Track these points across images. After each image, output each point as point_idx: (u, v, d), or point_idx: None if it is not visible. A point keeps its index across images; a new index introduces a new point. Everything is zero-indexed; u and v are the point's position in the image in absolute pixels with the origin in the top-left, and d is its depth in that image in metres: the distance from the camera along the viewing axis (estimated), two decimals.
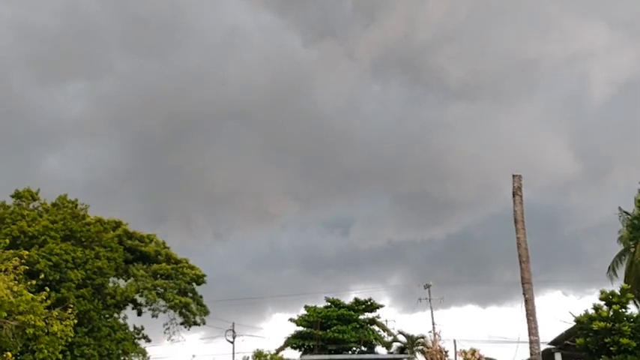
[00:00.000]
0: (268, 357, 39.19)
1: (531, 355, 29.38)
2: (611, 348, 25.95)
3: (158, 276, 33.89)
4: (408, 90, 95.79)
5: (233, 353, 46.58)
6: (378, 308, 41.08)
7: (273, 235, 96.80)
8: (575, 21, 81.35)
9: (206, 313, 35.41)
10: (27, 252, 22.41)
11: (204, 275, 35.40)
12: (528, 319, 28.66)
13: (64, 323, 20.20)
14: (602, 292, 27.51)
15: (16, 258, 19.63)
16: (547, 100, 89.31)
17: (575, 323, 27.81)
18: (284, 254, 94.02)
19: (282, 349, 40.92)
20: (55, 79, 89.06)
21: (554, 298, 68.95)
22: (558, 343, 30.14)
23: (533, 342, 28.39)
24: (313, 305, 40.45)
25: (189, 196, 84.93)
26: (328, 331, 38.50)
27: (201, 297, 35.36)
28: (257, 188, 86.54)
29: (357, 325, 39.39)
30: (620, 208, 36.39)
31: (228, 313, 60.08)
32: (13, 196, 32.00)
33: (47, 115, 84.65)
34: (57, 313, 20.12)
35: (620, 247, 36.54)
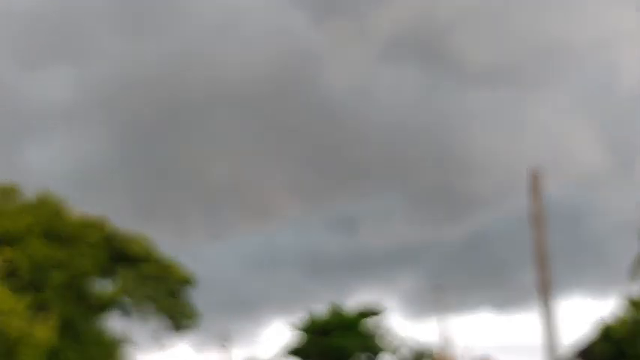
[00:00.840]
0: None
1: None
2: (631, 354, 25.33)
3: (145, 278, 32.32)
4: (423, 74, 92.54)
5: None
6: (381, 313, 39.65)
7: (272, 234, 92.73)
8: (604, 4, 79.87)
9: (196, 316, 33.94)
10: (9, 248, 20.89)
11: (194, 277, 33.92)
12: (547, 325, 27.46)
13: (46, 326, 18.52)
14: (623, 298, 26.82)
15: None
16: (574, 88, 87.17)
17: (595, 329, 27.06)
18: (284, 255, 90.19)
19: (280, 357, 39.49)
20: (38, 64, 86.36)
21: (575, 301, 67.09)
22: (578, 350, 29.25)
23: (551, 348, 27.15)
24: (314, 311, 39.08)
25: (183, 190, 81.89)
26: (330, 337, 37.02)
27: (191, 300, 33.87)
28: (256, 182, 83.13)
29: (361, 333, 38.05)
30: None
31: (222, 318, 58.31)
32: None
33: (29, 102, 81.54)
34: (38, 317, 18.44)
35: None
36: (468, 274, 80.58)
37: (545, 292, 26.86)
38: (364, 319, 38.60)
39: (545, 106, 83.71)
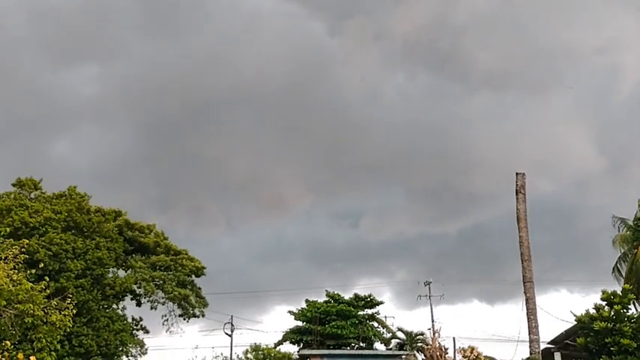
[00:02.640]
0: (265, 351, 39.11)
1: (531, 354, 29.39)
2: (612, 348, 25.83)
3: (157, 267, 33.78)
4: (432, 79, 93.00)
5: (231, 346, 46.50)
6: (378, 304, 40.96)
7: (283, 226, 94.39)
8: (607, 10, 79.57)
9: (205, 305, 35.29)
10: (27, 241, 22.31)
11: (203, 267, 35.27)
12: (529, 318, 28.74)
13: (62, 313, 20.07)
14: (603, 292, 27.42)
15: (16, 247, 19.49)
16: (576, 91, 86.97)
17: (576, 322, 27.73)
18: (292, 246, 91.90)
19: (280, 343, 40.81)
20: (68, 61, 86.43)
21: (560, 296, 68.27)
22: (558, 342, 30.05)
23: (533, 341, 28.46)
24: (314, 300, 40.34)
25: (203, 184, 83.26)
26: (327, 326, 38.38)
27: (200, 289, 35.28)
28: (272, 178, 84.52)
29: (357, 321, 39.24)
30: (614, 216, 36.29)
31: (230, 306, 60.00)
32: (14, 185, 31.92)
33: (59, 99, 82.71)
34: (56, 303, 20.00)
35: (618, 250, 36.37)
36: (463, 268, 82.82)
37: (527, 286, 28.23)
38: (360, 308, 39.90)
39: (546, 109, 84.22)
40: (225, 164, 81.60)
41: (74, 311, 20.75)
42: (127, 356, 32.24)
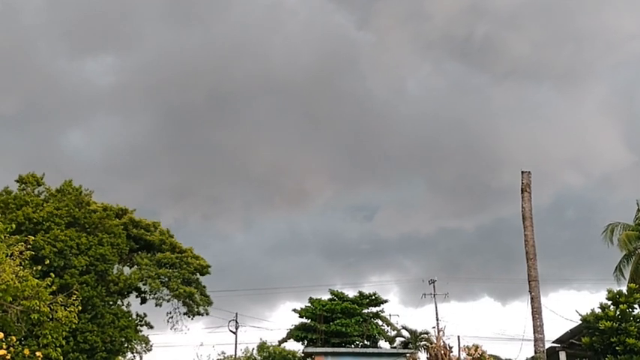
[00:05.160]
0: (270, 349, 39.07)
1: (535, 352, 29.36)
2: (617, 348, 25.86)
3: (162, 265, 33.84)
4: (460, 68, 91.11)
5: (235, 344, 46.58)
6: (382, 302, 40.87)
7: (299, 219, 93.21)
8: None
9: (209, 303, 35.36)
10: (32, 237, 22.39)
11: (208, 266, 35.37)
12: (534, 317, 28.68)
13: (68, 309, 20.11)
14: (609, 292, 27.43)
15: (22, 243, 19.53)
16: (609, 80, 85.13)
17: (581, 322, 27.71)
18: (307, 240, 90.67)
19: (284, 340, 40.82)
20: (85, 50, 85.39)
21: (569, 295, 67.70)
22: (563, 341, 30.03)
23: (538, 340, 28.41)
24: (318, 297, 40.30)
25: (221, 175, 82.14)
26: (331, 324, 38.35)
27: (204, 287, 35.32)
28: (293, 169, 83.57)
29: (361, 319, 39.19)
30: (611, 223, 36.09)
31: (239, 301, 59.82)
32: (17, 181, 31.99)
33: (75, 89, 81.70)
34: (61, 299, 20.05)
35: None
36: (480, 264, 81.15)
37: (532, 285, 28.16)
38: (365, 306, 39.78)
39: (577, 102, 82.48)
40: (245, 155, 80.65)
41: (79, 307, 20.80)
42: (132, 353, 32.33)
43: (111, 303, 30.63)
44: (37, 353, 17.74)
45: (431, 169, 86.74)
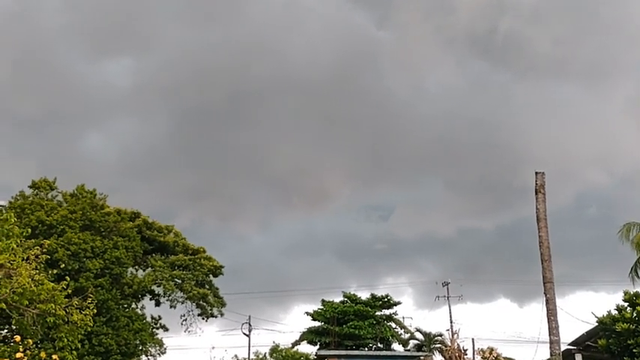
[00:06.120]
0: (284, 352, 39.08)
1: (551, 355, 29.07)
2: (634, 350, 25.61)
3: (176, 267, 33.95)
4: (481, 65, 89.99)
5: (249, 346, 46.60)
6: (395, 305, 40.82)
7: (315, 220, 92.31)
8: None
9: (223, 305, 35.43)
10: (48, 241, 22.50)
11: (221, 267, 35.44)
12: (549, 319, 28.39)
13: (83, 312, 20.19)
14: (625, 293, 27.18)
15: (37, 247, 19.63)
16: (636, 80, 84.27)
17: (597, 324, 27.48)
18: (322, 241, 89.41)
19: (297, 343, 40.81)
20: (104, 52, 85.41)
21: (586, 297, 66.78)
22: (579, 343, 29.79)
23: (554, 342, 28.11)
24: (330, 300, 40.28)
25: (240, 175, 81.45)
26: (344, 326, 38.32)
27: (217, 289, 35.39)
28: (311, 169, 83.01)
29: (374, 322, 39.14)
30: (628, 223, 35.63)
31: (254, 303, 59.57)
32: (30, 187, 32.17)
33: (93, 91, 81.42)
34: (77, 302, 20.12)
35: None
36: (499, 265, 79.71)
37: (547, 287, 27.89)
38: (378, 308, 39.74)
39: (601, 99, 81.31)
40: (263, 155, 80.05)
41: (94, 311, 20.88)
42: (147, 355, 32.39)
43: (125, 306, 30.79)
44: (53, 356, 17.75)
45: (450, 168, 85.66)
